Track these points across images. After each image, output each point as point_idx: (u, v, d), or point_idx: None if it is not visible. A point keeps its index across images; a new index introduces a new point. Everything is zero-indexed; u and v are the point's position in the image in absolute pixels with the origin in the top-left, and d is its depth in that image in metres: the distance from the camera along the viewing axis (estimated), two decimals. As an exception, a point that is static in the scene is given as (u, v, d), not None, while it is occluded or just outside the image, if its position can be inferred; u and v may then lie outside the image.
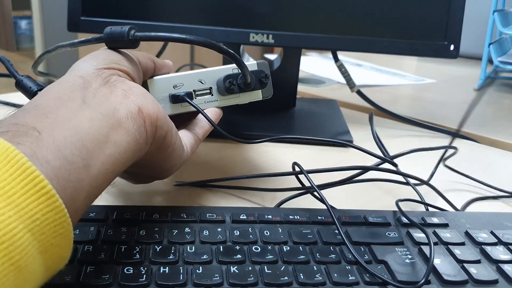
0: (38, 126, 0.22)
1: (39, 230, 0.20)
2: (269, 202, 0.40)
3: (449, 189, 0.45)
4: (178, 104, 0.36)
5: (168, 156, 0.32)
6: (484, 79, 0.87)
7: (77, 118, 0.24)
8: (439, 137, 0.61)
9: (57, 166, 0.22)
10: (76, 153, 0.23)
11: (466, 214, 0.36)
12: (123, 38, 0.32)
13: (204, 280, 0.26)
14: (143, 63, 0.34)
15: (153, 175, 0.34)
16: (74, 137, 0.23)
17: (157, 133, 0.29)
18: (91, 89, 0.27)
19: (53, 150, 0.22)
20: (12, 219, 0.19)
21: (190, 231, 0.31)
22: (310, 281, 0.27)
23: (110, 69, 0.29)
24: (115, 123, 0.26)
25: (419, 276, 0.28)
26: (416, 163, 0.48)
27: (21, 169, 0.20)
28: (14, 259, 0.18)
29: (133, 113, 0.27)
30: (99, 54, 0.31)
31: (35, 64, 0.44)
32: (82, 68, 0.29)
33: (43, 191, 0.20)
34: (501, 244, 0.32)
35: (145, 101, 0.28)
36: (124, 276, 0.26)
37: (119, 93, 0.28)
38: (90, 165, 0.24)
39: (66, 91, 0.26)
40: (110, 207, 0.33)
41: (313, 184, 0.34)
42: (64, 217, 0.21)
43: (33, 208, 0.20)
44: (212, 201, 0.39)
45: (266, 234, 0.31)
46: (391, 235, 0.32)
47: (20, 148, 0.21)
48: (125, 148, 0.26)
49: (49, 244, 0.20)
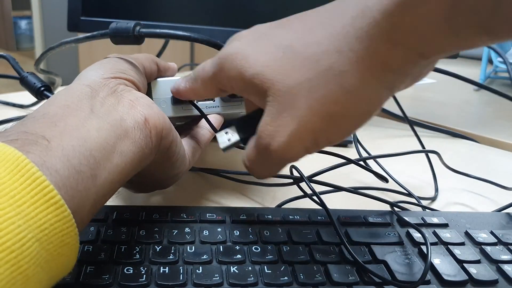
0: (48, 135, 0.23)
1: (47, 239, 0.20)
2: (269, 202, 0.40)
3: (448, 188, 0.45)
4: (180, 106, 0.36)
5: (171, 166, 0.32)
6: (484, 79, 0.87)
7: (85, 127, 0.25)
8: (439, 137, 0.61)
9: (65, 176, 0.22)
10: (84, 163, 0.23)
11: (466, 214, 0.36)
12: (128, 33, 0.32)
13: (204, 280, 0.26)
14: (147, 68, 0.34)
15: (154, 185, 0.34)
16: (82, 146, 0.23)
17: (162, 143, 0.29)
18: (98, 98, 0.27)
19: (62, 159, 0.22)
20: (21, 228, 0.19)
21: (190, 231, 0.31)
22: (310, 281, 0.27)
23: (117, 79, 0.29)
24: (122, 133, 0.26)
25: (419, 276, 0.28)
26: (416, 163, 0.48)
27: (31, 178, 0.20)
28: (22, 268, 0.18)
29: (140, 123, 0.27)
30: (106, 63, 0.31)
31: (37, 61, 0.44)
32: (89, 77, 0.29)
33: (52, 200, 0.20)
34: (501, 244, 0.32)
35: (151, 112, 0.29)
36: (124, 276, 0.26)
37: (126, 103, 0.28)
38: (97, 175, 0.24)
39: (74, 100, 0.26)
40: (110, 207, 0.33)
41: (312, 189, 0.34)
42: (71, 227, 0.21)
43: (42, 217, 0.20)
44: (212, 201, 0.39)
45: (266, 234, 0.31)
46: (391, 235, 0.32)
47: (30, 157, 0.21)
48: (131, 158, 0.26)
49: (56, 254, 0.21)
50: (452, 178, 0.48)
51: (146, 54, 0.36)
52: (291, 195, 0.38)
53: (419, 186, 0.46)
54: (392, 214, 0.35)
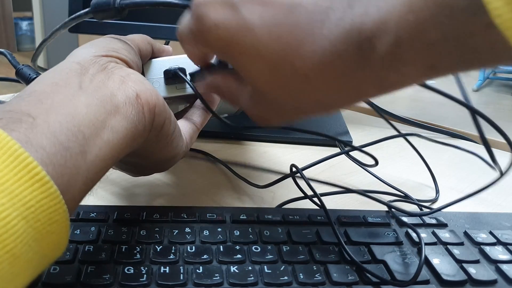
0: (33, 112, 0.22)
1: (34, 217, 0.19)
2: (269, 202, 0.40)
3: (449, 189, 0.45)
4: (173, 86, 0.35)
5: (167, 145, 0.31)
6: (483, 80, 0.87)
7: (73, 103, 0.24)
8: (438, 137, 0.61)
9: (52, 152, 0.21)
10: (72, 139, 0.22)
11: (465, 214, 0.37)
12: (109, 6, 0.31)
13: (204, 280, 0.26)
14: (142, 49, 0.34)
15: (152, 167, 0.34)
16: (70, 122, 0.23)
17: (155, 120, 0.28)
18: (88, 75, 0.27)
19: (48, 136, 0.21)
20: (5, 207, 0.18)
21: (191, 231, 0.31)
22: (309, 281, 0.27)
23: (109, 57, 0.29)
24: (112, 108, 0.26)
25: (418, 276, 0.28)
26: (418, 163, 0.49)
27: (13, 155, 0.19)
28: (8, 247, 0.18)
29: (131, 99, 0.27)
30: (98, 41, 0.31)
31: (34, 55, 0.44)
32: (80, 54, 0.28)
33: (37, 177, 0.20)
34: (500, 244, 0.32)
35: (143, 87, 0.28)
36: (124, 276, 0.26)
37: (116, 79, 0.27)
38: (87, 151, 0.23)
39: (63, 77, 0.26)
40: (110, 207, 0.33)
41: (313, 189, 0.34)
42: (59, 203, 0.20)
43: (27, 195, 0.19)
44: (212, 201, 0.40)
45: (266, 234, 0.31)
46: (390, 235, 0.32)
47: (14, 134, 0.20)
48: (123, 134, 0.26)
49: (45, 232, 0.20)
50: (453, 178, 0.48)
51: (142, 35, 0.35)
52: (291, 195, 0.38)
53: (419, 187, 0.46)
54: (391, 214, 0.35)
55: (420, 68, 0.21)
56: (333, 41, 0.22)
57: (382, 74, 0.22)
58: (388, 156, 0.52)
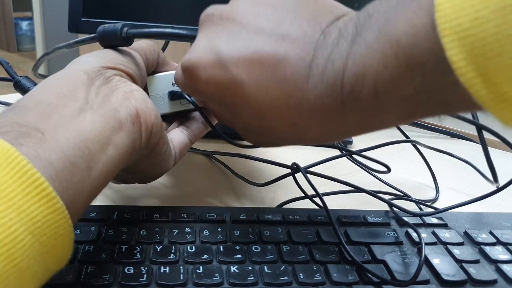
0: (41, 127, 0.23)
1: (40, 232, 0.20)
2: (269, 202, 0.40)
3: (449, 189, 0.45)
4: (177, 101, 0.36)
5: (155, 164, 0.32)
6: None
7: (79, 119, 0.25)
8: (438, 137, 0.61)
9: (60, 168, 0.22)
10: (79, 154, 0.23)
11: (465, 214, 0.37)
12: (116, 35, 0.32)
13: (204, 280, 0.26)
14: (149, 58, 0.34)
15: (135, 179, 0.34)
16: (77, 138, 0.23)
17: (151, 139, 0.29)
18: (93, 87, 0.27)
19: (56, 151, 0.22)
20: (13, 221, 0.19)
21: (191, 231, 0.31)
22: (309, 281, 0.27)
23: (115, 69, 0.29)
24: (116, 124, 0.26)
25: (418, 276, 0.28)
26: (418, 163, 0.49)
27: (22, 171, 0.20)
28: (16, 261, 0.19)
29: (132, 116, 0.27)
30: (106, 52, 0.31)
31: (35, 66, 0.44)
32: (88, 63, 0.29)
33: (44, 193, 0.20)
34: (500, 244, 0.32)
35: (144, 106, 0.29)
36: (124, 276, 0.26)
37: (120, 94, 0.28)
38: (92, 167, 0.24)
39: (70, 87, 0.26)
40: (110, 207, 0.33)
41: (315, 189, 0.34)
42: (65, 218, 0.21)
43: (34, 210, 0.20)
44: (212, 201, 0.40)
45: (266, 234, 0.31)
46: (390, 235, 0.32)
47: (23, 149, 0.21)
48: (125, 150, 0.26)
49: (50, 246, 0.21)
50: (453, 178, 0.48)
51: (150, 43, 0.35)
52: (291, 195, 0.39)
53: (419, 187, 0.46)
54: (391, 214, 0.35)
55: (399, 115, 0.23)
56: (318, 95, 0.23)
57: (364, 120, 0.24)
58: (388, 156, 0.52)
